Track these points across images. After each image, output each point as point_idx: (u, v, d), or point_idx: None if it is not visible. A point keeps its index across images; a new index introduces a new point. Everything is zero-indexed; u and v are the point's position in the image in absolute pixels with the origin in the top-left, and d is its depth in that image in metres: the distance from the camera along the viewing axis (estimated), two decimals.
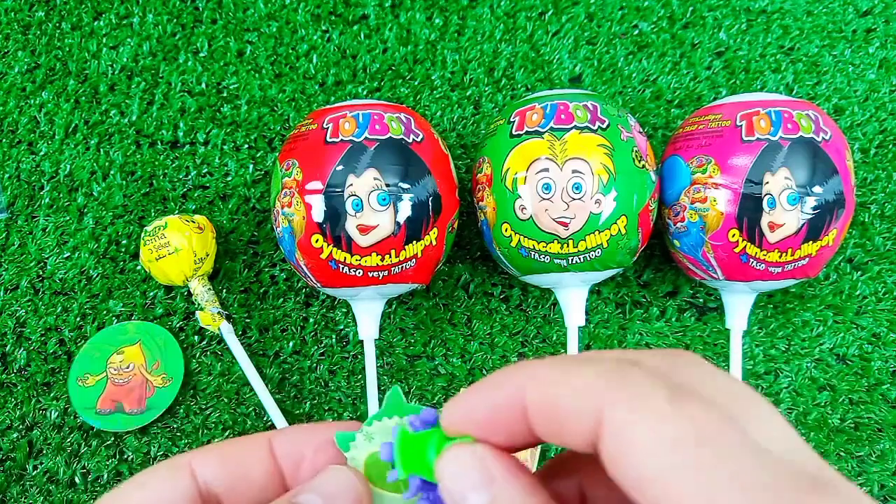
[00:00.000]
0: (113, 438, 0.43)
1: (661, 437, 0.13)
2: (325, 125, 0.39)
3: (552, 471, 0.19)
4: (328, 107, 0.41)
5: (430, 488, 0.18)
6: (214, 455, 0.19)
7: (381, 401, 0.17)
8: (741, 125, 0.39)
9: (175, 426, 0.44)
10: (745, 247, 0.38)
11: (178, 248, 0.43)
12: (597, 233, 0.38)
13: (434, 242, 0.40)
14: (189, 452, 0.19)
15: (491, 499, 0.16)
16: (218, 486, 0.19)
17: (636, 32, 0.51)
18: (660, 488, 0.13)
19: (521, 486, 0.16)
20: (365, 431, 0.19)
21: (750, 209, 0.38)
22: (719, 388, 0.15)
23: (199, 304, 0.44)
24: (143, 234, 0.44)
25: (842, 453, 0.44)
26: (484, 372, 0.45)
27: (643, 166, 0.39)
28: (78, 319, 0.46)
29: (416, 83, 0.50)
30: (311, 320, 0.46)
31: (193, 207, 0.48)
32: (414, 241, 0.39)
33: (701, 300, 0.47)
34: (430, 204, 0.39)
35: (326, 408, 0.45)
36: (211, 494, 0.19)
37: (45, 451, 0.43)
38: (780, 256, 0.38)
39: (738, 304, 0.42)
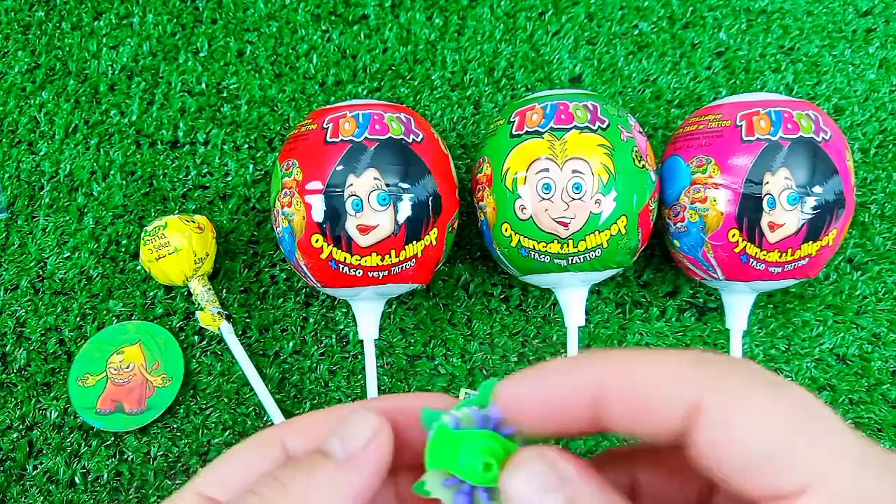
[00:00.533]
0: (113, 438, 0.43)
1: (771, 417, 0.14)
2: (325, 125, 0.39)
3: (601, 465, 0.19)
4: (328, 107, 0.41)
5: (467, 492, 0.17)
6: (306, 425, 0.19)
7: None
8: (741, 125, 0.39)
9: (175, 426, 0.44)
10: (745, 247, 0.38)
11: (178, 248, 0.43)
12: (597, 233, 0.38)
13: (434, 242, 0.40)
14: (280, 425, 0.19)
15: (568, 499, 0.16)
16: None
17: (636, 32, 0.51)
18: (771, 467, 0.14)
19: (597, 486, 0.16)
20: (451, 415, 0.18)
21: (750, 209, 0.38)
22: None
23: (199, 304, 0.44)
24: (143, 234, 0.44)
25: None
26: (484, 372, 0.45)
27: (643, 166, 0.39)
28: (78, 319, 0.46)
29: (416, 83, 0.50)
30: (311, 320, 0.46)
31: (193, 207, 0.48)
32: (414, 241, 0.39)
33: (701, 300, 0.47)
34: (430, 204, 0.39)
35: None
36: None
37: (45, 451, 0.43)
38: (780, 256, 0.38)
39: (738, 304, 0.42)
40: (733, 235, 0.38)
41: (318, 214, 0.38)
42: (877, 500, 0.13)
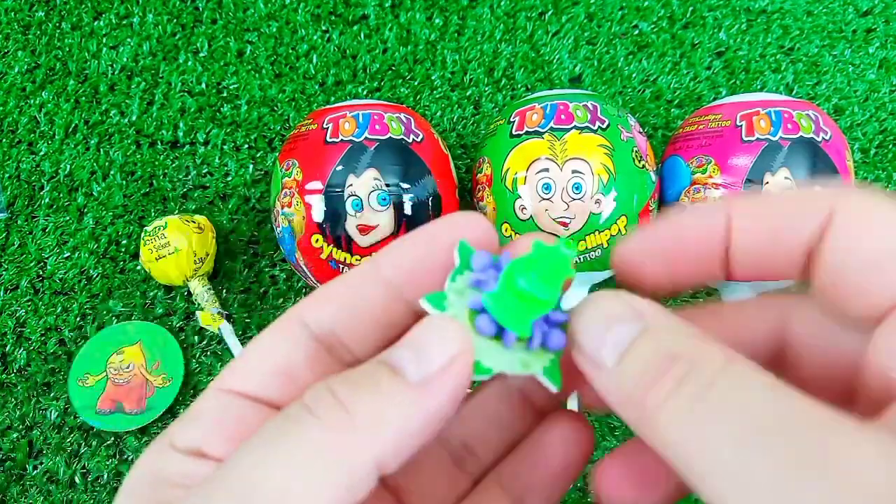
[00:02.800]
0: (113, 438, 0.43)
1: None
2: (325, 125, 0.39)
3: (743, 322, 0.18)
4: (328, 107, 0.41)
5: (545, 324, 0.16)
6: (323, 297, 0.17)
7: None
8: (741, 125, 0.39)
9: None
10: None
11: (178, 248, 0.43)
12: (597, 233, 0.38)
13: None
14: (297, 304, 0.17)
15: (643, 327, 0.14)
16: (334, 325, 0.17)
17: (636, 32, 0.51)
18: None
19: (677, 320, 0.14)
20: (454, 288, 0.16)
21: None
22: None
23: (199, 304, 0.44)
24: (143, 234, 0.44)
25: None
26: None
27: (643, 166, 0.39)
28: (78, 319, 0.46)
29: (416, 83, 0.50)
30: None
31: (193, 207, 0.48)
32: None
33: (701, 300, 0.47)
34: (430, 204, 0.39)
35: None
36: (327, 334, 0.17)
37: (45, 451, 0.43)
38: None
39: None
40: None
41: (318, 214, 0.38)
42: None
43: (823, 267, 0.14)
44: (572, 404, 0.44)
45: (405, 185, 0.38)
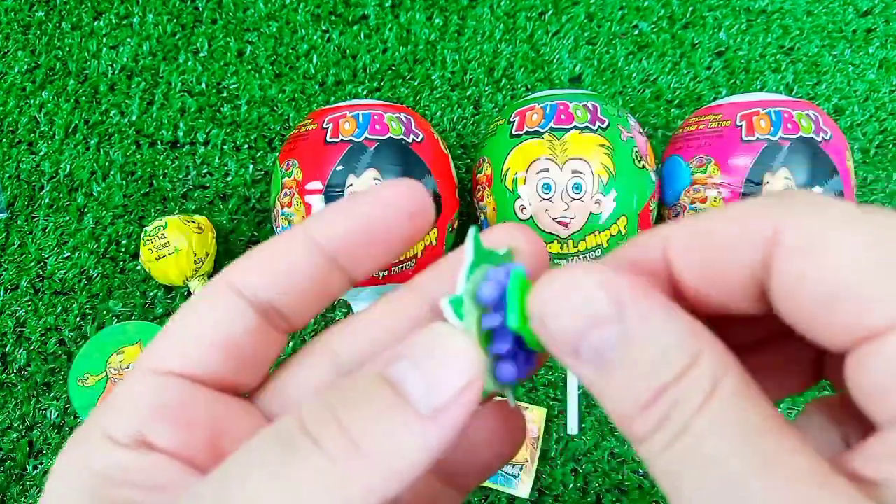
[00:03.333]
0: None
1: (856, 243, 0.12)
2: (325, 125, 0.39)
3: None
4: (328, 107, 0.41)
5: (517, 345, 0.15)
6: (253, 263, 0.16)
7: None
8: (741, 125, 0.39)
9: None
10: None
11: (178, 248, 0.43)
12: (597, 233, 0.38)
13: (434, 242, 0.40)
14: (224, 270, 0.16)
15: (622, 333, 0.12)
16: (268, 293, 0.16)
17: (636, 32, 0.51)
18: (857, 299, 0.11)
19: (657, 301, 0.13)
20: (468, 291, 0.15)
21: None
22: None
23: None
24: (143, 234, 0.44)
25: None
26: None
27: (643, 166, 0.39)
28: (78, 319, 0.46)
29: (416, 83, 0.50)
30: (311, 320, 0.46)
31: (193, 207, 0.48)
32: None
33: None
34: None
35: None
36: (263, 303, 0.16)
37: (45, 451, 0.43)
38: None
39: None
40: None
41: None
42: None
43: (775, 300, 0.13)
44: (572, 385, 0.44)
45: None
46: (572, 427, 0.44)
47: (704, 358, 0.12)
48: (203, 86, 0.50)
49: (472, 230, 0.15)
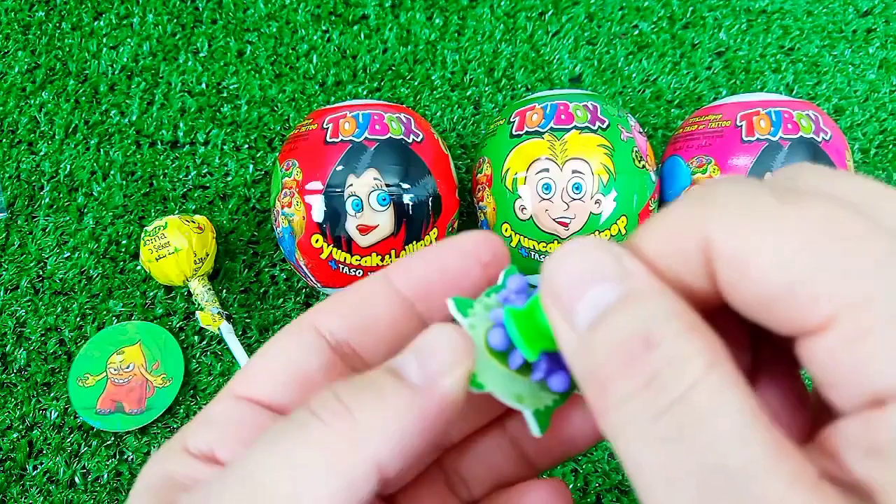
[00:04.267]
0: (113, 438, 0.43)
1: (783, 244, 0.12)
2: (325, 125, 0.39)
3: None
4: (328, 107, 0.41)
5: (556, 363, 0.15)
6: (334, 304, 0.17)
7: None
8: (741, 125, 0.39)
9: (175, 426, 0.44)
10: None
11: (178, 248, 0.43)
12: (597, 233, 0.38)
13: (434, 242, 0.40)
14: (309, 311, 0.17)
15: (626, 292, 0.13)
16: (347, 335, 0.17)
17: (636, 32, 0.51)
18: (793, 300, 0.12)
19: (666, 287, 0.13)
20: (484, 302, 0.16)
21: None
22: (842, 186, 0.13)
23: (199, 304, 0.44)
24: (143, 234, 0.44)
25: None
26: None
27: (643, 166, 0.39)
28: (78, 319, 0.46)
29: (416, 83, 0.50)
30: None
31: (193, 207, 0.48)
32: (414, 242, 0.39)
33: None
34: (430, 204, 0.39)
35: None
36: (342, 344, 0.17)
37: (45, 451, 0.43)
38: None
39: None
40: None
41: (318, 214, 0.38)
42: None
43: (726, 298, 0.13)
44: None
45: (405, 185, 0.38)
46: None
47: (703, 336, 0.12)
48: (203, 86, 0.50)
49: (511, 268, 0.17)
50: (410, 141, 0.39)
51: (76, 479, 0.43)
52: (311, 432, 0.13)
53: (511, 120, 0.40)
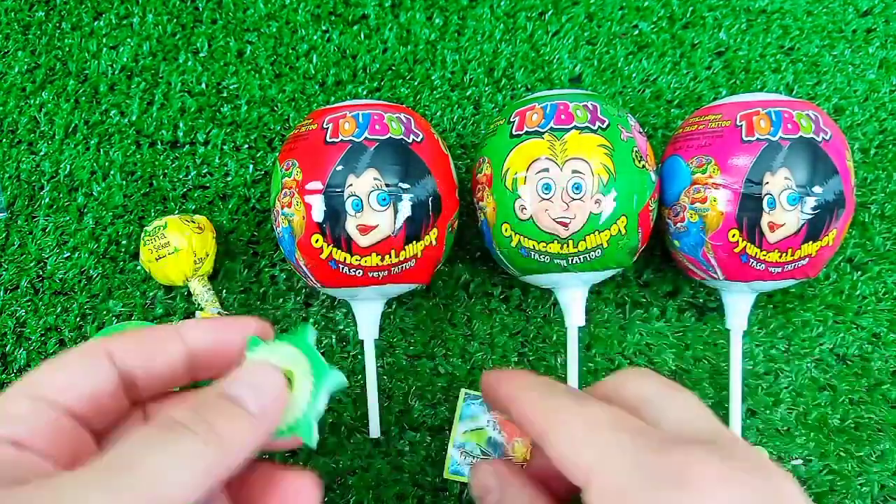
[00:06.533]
0: None
1: (562, 433, 0.21)
2: (325, 125, 0.39)
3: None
4: (328, 107, 0.41)
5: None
6: (131, 341, 0.21)
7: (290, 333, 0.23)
8: (741, 125, 0.39)
9: None
10: (745, 247, 0.38)
11: (178, 248, 0.43)
12: (597, 233, 0.38)
13: (434, 242, 0.40)
14: (104, 338, 0.21)
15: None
16: (134, 369, 0.21)
17: (636, 32, 0.51)
18: (566, 471, 0.20)
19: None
20: (271, 345, 0.22)
21: (750, 209, 0.38)
22: (641, 387, 0.22)
23: (199, 304, 0.44)
24: (143, 234, 0.44)
25: (842, 453, 0.44)
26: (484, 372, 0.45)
27: (643, 166, 0.39)
28: (78, 319, 0.46)
29: (416, 83, 0.50)
30: (311, 320, 0.46)
31: (193, 207, 0.48)
32: (414, 241, 0.39)
33: (701, 300, 0.47)
34: (430, 204, 0.39)
35: (326, 408, 0.45)
36: (128, 376, 0.21)
37: None
38: (780, 256, 0.38)
39: (738, 304, 0.42)
40: (733, 235, 0.38)
41: (318, 214, 0.38)
42: (636, 494, 0.18)
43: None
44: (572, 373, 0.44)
45: (405, 186, 0.38)
46: None
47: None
48: (203, 86, 0.50)
49: (306, 327, 0.23)
50: (410, 141, 0.39)
51: None
52: (187, 441, 0.18)
53: (511, 120, 0.40)
